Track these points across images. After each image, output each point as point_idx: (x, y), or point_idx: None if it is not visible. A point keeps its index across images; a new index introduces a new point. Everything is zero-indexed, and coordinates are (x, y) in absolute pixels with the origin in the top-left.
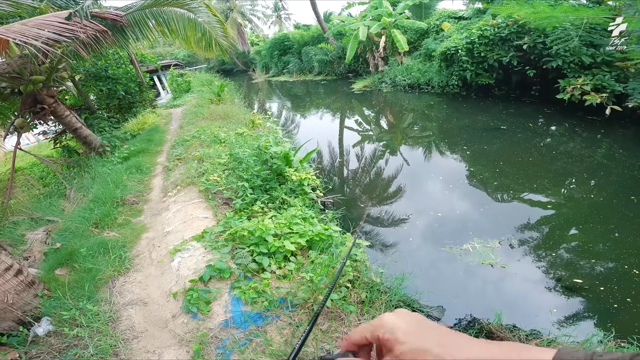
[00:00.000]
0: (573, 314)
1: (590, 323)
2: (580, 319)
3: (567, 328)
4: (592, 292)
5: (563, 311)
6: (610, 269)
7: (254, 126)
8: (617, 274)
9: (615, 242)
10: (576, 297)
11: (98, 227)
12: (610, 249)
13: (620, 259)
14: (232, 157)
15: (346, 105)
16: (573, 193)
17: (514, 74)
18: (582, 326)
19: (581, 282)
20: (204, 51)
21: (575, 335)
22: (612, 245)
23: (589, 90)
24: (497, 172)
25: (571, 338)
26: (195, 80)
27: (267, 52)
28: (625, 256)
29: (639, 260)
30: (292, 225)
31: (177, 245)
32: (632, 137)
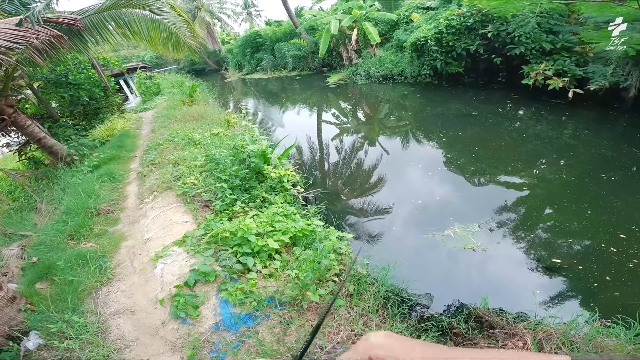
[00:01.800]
0: (556, 294)
1: (573, 303)
2: (563, 299)
3: (552, 309)
4: (572, 272)
5: (546, 292)
6: (587, 247)
7: (229, 126)
8: (595, 253)
9: (589, 220)
10: (557, 277)
11: (74, 238)
12: (585, 228)
13: (596, 237)
14: (209, 159)
15: (322, 99)
16: (545, 174)
17: (481, 62)
18: (566, 306)
19: (560, 261)
20: (172, 52)
21: (561, 316)
22: (586, 224)
23: (551, 75)
24: (473, 157)
25: (557, 319)
26: (165, 82)
27: (239, 50)
28: (600, 234)
29: (614, 237)
30: (274, 223)
31: (158, 251)
32: (595, 117)
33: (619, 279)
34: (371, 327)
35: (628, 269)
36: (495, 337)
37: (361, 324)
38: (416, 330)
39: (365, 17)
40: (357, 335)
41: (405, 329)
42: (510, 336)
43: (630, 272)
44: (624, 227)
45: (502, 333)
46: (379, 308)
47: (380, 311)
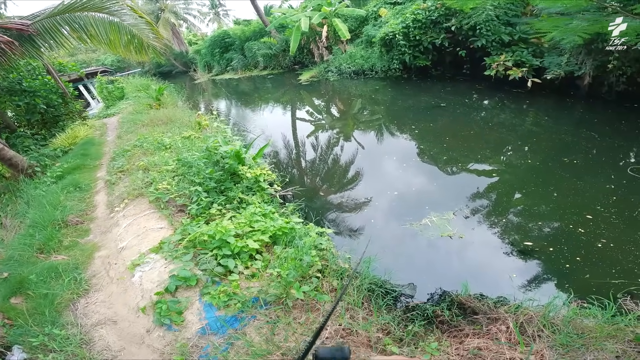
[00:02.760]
0: (531, 277)
1: (548, 284)
2: (539, 281)
3: (530, 292)
4: (544, 254)
5: (522, 275)
6: (556, 229)
7: (200, 128)
8: (564, 234)
9: (556, 203)
10: (530, 260)
11: (43, 252)
12: (553, 210)
13: (564, 219)
14: (181, 162)
15: (296, 97)
16: (512, 160)
17: (447, 55)
18: (542, 288)
19: (532, 244)
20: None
21: (539, 298)
22: (554, 206)
23: (511, 66)
24: (444, 147)
25: (535, 302)
26: (129, 86)
27: (207, 50)
28: (568, 216)
29: (581, 219)
30: (253, 223)
31: (134, 260)
32: (553, 105)
33: (589, 259)
34: (357, 320)
35: (597, 249)
36: (479, 323)
37: (348, 318)
38: (402, 320)
39: (335, 13)
40: (345, 329)
41: (391, 320)
42: (493, 321)
43: (599, 252)
44: (589, 208)
45: (485, 318)
46: (364, 301)
47: (366, 304)
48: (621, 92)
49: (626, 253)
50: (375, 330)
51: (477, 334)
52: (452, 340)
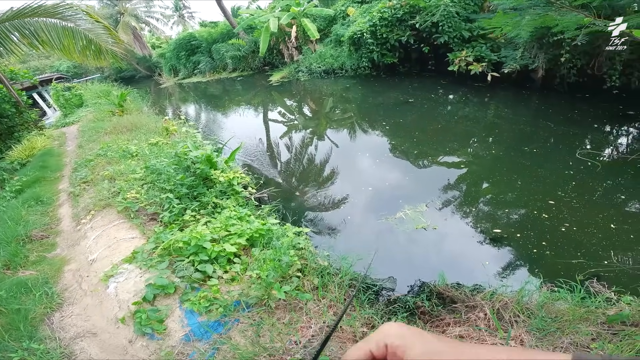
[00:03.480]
0: (503, 263)
1: (519, 270)
2: (510, 267)
3: (503, 278)
4: (512, 240)
5: (494, 262)
6: (522, 215)
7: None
8: (529, 220)
9: (520, 190)
10: (501, 247)
11: (9, 268)
12: (518, 197)
13: (529, 205)
14: (149, 170)
15: (267, 99)
16: (478, 151)
17: (413, 52)
18: (514, 274)
19: (501, 232)
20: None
21: (512, 284)
22: (519, 194)
23: (472, 61)
24: (415, 141)
25: (509, 288)
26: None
27: (172, 53)
28: (532, 202)
29: (544, 204)
30: (228, 227)
31: (107, 271)
32: (512, 97)
33: (554, 243)
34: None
35: (561, 233)
36: (458, 311)
37: (331, 314)
38: (386, 313)
39: (304, 13)
40: (329, 325)
41: (374, 314)
42: (471, 309)
43: (563, 236)
44: (551, 194)
45: (464, 306)
46: (346, 297)
47: (348, 300)
48: (572, 84)
49: (588, 235)
50: (359, 325)
51: (457, 322)
52: (434, 330)
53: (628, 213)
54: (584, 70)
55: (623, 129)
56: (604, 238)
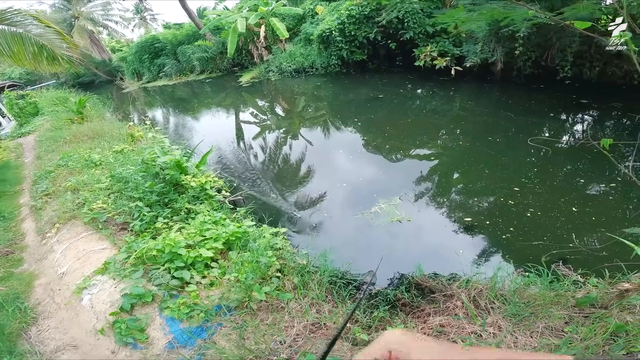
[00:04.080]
0: (475, 251)
1: (491, 256)
2: (483, 254)
3: (477, 266)
4: (482, 228)
5: (467, 250)
6: (490, 203)
7: (134, 140)
8: (497, 208)
9: (487, 179)
10: (472, 235)
11: None
12: (486, 186)
13: (496, 193)
14: (115, 179)
15: (238, 100)
16: (446, 143)
17: (380, 48)
18: (487, 261)
19: (471, 220)
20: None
21: (485, 271)
22: (486, 182)
23: (436, 56)
24: (386, 136)
25: (483, 275)
26: (44, 101)
27: (134, 57)
28: (498, 190)
29: (510, 192)
30: (203, 232)
31: (79, 284)
32: (475, 90)
33: (521, 228)
34: (323, 314)
35: (527, 218)
36: (436, 301)
37: (314, 312)
38: (368, 307)
39: (272, 13)
40: (313, 324)
41: (357, 309)
42: (448, 297)
43: (529, 221)
44: (515, 181)
45: (442, 295)
46: (327, 294)
47: (330, 297)
48: (528, 75)
49: (552, 219)
50: (342, 321)
51: (437, 312)
52: (416, 321)
53: (587, 196)
54: (539, 62)
55: (577, 117)
56: (567, 221)
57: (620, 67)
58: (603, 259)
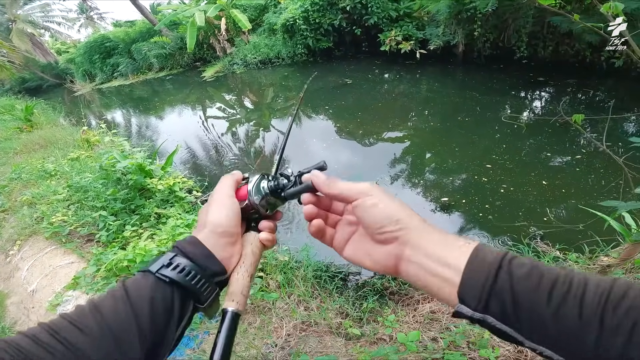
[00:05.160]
0: (455, 230)
1: (471, 236)
2: (462, 233)
3: None
4: (459, 207)
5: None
6: (464, 181)
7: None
8: (471, 185)
9: (459, 157)
10: (450, 214)
11: None
12: (458, 165)
13: (469, 171)
14: (73, 189)
15: (203, 95)
16: (417, 124)
17: (346, 35)
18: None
19: (448, 199)
20: None
21: None
22: (459, 161)
23: (401, 40)
24: (359, 121)
25: None
26: None
27: (83, 58)
28: (471, 167)
29: (482, 169)
30: (176, 237)
31: (51, 300)
32: (440, 72)
33: (496, 205)
34: (312, 310)
35: (501, 194)
36: None
37: (302, 310)
38: (357, 299)
39: (232, 4)
40: (303, 322)
41: (345, 302)
42: None
43: (502, 197)
44: (487, 159)
45: None
46: (313, 290)
47: (316, 292)
48: (488, 56)
49: (525, 194)
50: (333, 316)
51: (426, 299)
52: (407, 309)
53: (555, 168)
54: (497, 44)
55: (536, 94)
56: (539, 195)
57: (571, 45)
58: (578, 233)
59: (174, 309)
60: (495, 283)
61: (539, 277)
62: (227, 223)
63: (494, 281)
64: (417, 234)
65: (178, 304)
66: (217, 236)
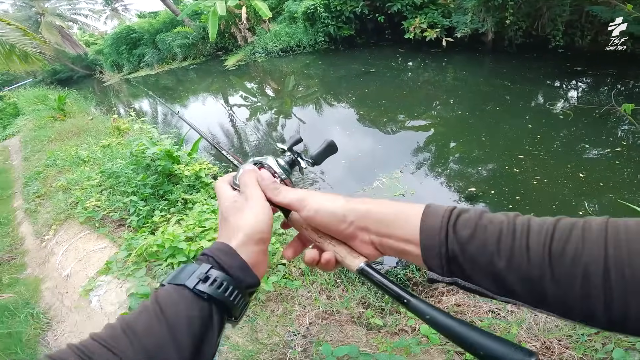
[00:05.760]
0: None
1: None
2: None
3: None
4: (487, 197)
5: None
6: (494, 172)
7: (120, 133)
8: (502, 176)
9: (489, 147)
10: (477, 205)
11: None
12: (488, 155)
13: (499, 161)
14: (106, 174)
15: (226, 84)
16: (442, 113)
17: (368, 22)
18: None
19: (475, 189)
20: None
21: None
22: (488, 151)
23: (426, 28)
24: (382, 109)
25: None
26: (23, 100)
27: (110, 49)
28: (502, 158)
29: (514, 160)
30: (202, 223)
31: (85, 285)
32: (467, 60)
33: (528, 196)
34: (334, 299)
35: (533, 186)
36: None
37: (324, 299)
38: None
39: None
40: (325, 311)
41: (367, 291)
42: None
43: (535, 189)
44: (519, 149)
45: None
46: (335, 278)
47: (338, 281)
48: (520, 45)
49: (560, 186)
50: (355, 306)
51: (451, 291)
52: (430, 301)
53: (592, 160)
54: (530, 32)
55: (572, 84)
56: (575, 188)
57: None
58: None
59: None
60: (447, 250)
61: (483, 234)
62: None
63: (446, 249)
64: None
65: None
66: (254, 244)
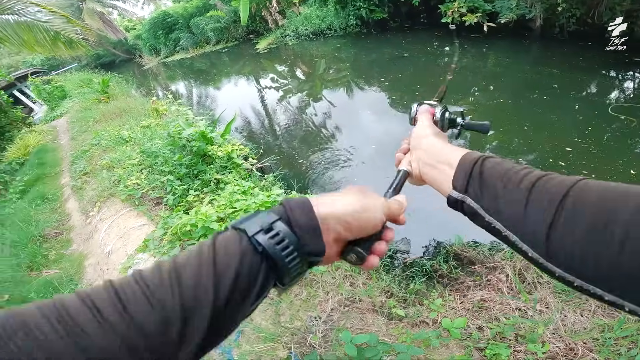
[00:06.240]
0: None
1: None
2: None
3: None
4: None
5: None
6: (536, 164)
7: (159, 114)
8: (545, 168)
9: (532, 138)
10: None
11: (33, 269)
12: (531, 145)
13: (543, 153)
14: (145, 154)
15: (257, 67)
16: (481, 100)
17: (402, 5)
18: None
19: None
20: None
21: None
22: (531, 142)
23: (465, 12)
24: (416, 94)
25: None
26: (69, 83)
27: (148, 34)
28: (546, 149)
29: (560, 151)
30: (233, 204)
31: (124, 262)
32: (511, 46)
33: None
34: (358, 287)
35: None
36: (477, 273)
37: (348, 286)
38: (403, 279)
39: None
40: (347, 298)
41: (392, 281)
42: (491, 270)
43: None
44: (566, 141)
45: (483, 268)
46: None
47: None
48: (573, 32)
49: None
50: (377, 294)
51: (478, 285)
52: (455, 294)
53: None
54: (584, 20)
55: (629, 74)
56: None
57: None
58: None
59: (257, 284)
60: (471, 173)
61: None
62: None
63: (471, 172)
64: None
65: (262, 278)
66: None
